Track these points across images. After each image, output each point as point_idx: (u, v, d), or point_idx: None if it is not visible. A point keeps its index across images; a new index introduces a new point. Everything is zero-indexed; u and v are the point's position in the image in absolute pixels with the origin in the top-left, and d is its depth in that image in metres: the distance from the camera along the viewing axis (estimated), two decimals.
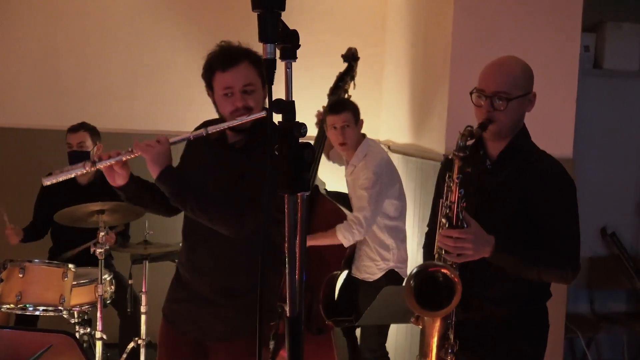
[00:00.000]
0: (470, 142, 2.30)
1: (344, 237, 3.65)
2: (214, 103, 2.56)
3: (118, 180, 2.51)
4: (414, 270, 2.27)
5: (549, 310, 2.47)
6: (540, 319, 2.46)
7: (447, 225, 2.28)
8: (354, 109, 3.83)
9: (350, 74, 4.10)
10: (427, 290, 2.24)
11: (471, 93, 2.37)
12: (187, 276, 2.64)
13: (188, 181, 2.48)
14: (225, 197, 2.46)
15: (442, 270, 2.25)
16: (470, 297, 2.31)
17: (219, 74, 2.49)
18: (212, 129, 2.40)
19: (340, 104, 3.87)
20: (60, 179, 2.51)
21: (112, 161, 2.44)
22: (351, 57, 4.12)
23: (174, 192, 2.45)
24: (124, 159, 2.45)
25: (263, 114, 2.40)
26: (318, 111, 4.06)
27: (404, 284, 2.28)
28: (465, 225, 2.25)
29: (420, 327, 2.36)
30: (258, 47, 1.49)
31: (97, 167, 2.45)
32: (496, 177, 2.37)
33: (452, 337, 2.31)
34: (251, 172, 2.46)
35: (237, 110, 2.46)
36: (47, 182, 2.52)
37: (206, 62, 2.55)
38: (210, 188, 2.50)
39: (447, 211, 2.27)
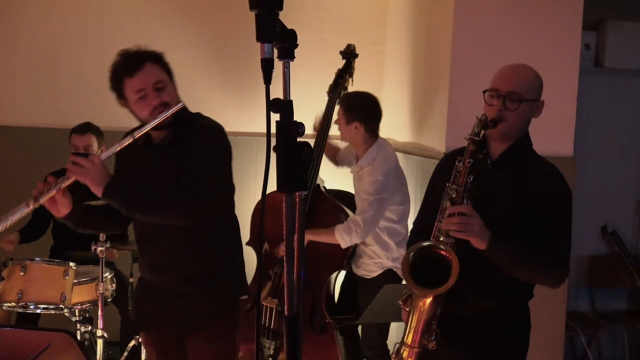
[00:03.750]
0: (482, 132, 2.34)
1: (341, 237, 3.65)
2: (131, 111, 2.61)
3: (62, 209, 2.54)
4: (418, 246, 2.31)
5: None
6: (524, 318, 2.49)
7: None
8: (346, 107, 3.78)
9: (349, 71, 4.08)
10: (424, 270, 2.27)
11: (484, 92, 2.41)
12: (149, 278, 2.71)
13: (132, 188, 2.53)
14: (169, 192, 2.52)
15: (440, 252, 2.27)
16: (457, 290, 2.31)
17: (127, 80, 2.55)
18: (137, 134, 2.48)
19: (343, 96, 3.88)
20: (6, 225, 2.51)
21: (53, 192, 2.46)
22: (350, 54, 4.10)
23: (122, 203, 2.50)
24: (62, 186, 2.47)
25: (181, 105, 2.51)
26: (316, 117, 4.04)
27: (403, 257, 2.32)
28: None
29: (408, 310, 2.37)
30: (257, 46, 1.49)
31: (41, 203, 2.46)
32: (495, 176, 2.41)
33: (435, 326, 2.33)
34: (184, 164, 2.53)
35: (155, 109, 2.52)
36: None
37: (112, 73, 2.61)
38: (151, 190, 2.56)
39: (454, 195, 2.30)
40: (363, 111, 3.78)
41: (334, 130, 3.97)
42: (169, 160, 2.58)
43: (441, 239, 2.30)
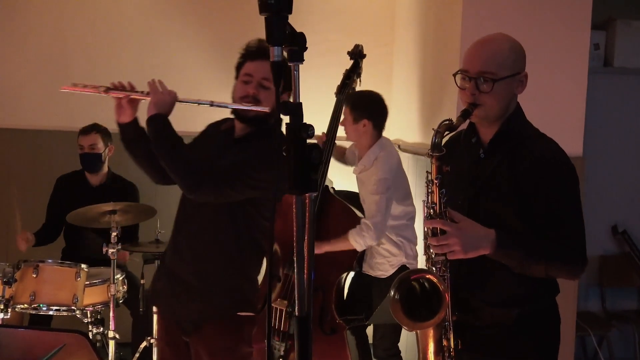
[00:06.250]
0: (447, 136, 2.17)
1: (355, 241, 3.66)
2: (234, 87, 2.68)
3: (122, 116, 2.64)
4: (396, 282, 2.11)
5: (560, 307, 2.26)
6: (550, 319, 2.25)
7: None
8: (353, 106, 3.76)
9: (357, 72, 4.02)
10: (417, 298, 2.11)
11: (455, 75, 2.19)
12: (169, 255, 2.74)
13: (173, 135, 2.55)
14: (197, 161, 2.55)
15: (427, 277, 2.11)
16: (468, 298, 2.19)
17: (248, 62, 2.63)
18: (217, 103, 2.52)
19: (348, 96, 3.85)
20: (77, 91, 2.67)
21: (122, 94, 2.58)
22: (357, 54, 4.04)
23: (155, 134, 2.54)
24: (133, 96, 2.58)
25: (266, 109, 2.52)
26: (323, 133, 3.97)
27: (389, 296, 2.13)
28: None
29: (414, 332, 2.21)
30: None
31: (109, 94, 2.58)
32: (489, 166, 2.19)
33: (451, 338, 2.17)
34: (239, 156, 2.56)
35: (246, 96, 2.56)
36: (65, 89, 2.66)
37: (242, 52, 2.68)
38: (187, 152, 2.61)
39: (431, 212, 2.13)
40: (371, 108, 3.78)
41: (342, 132, 3.98)
42: (233, 151, 2.63)
43: (433, 255, 2.13)
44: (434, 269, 2.16)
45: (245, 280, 2.68)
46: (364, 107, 3.76)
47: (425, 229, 2.15)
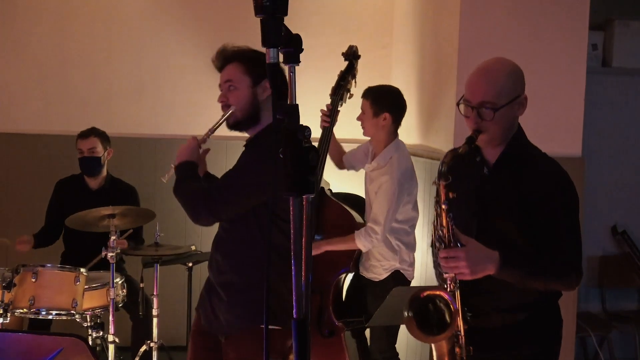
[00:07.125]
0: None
1: (363, 245, 3.65)
2: None
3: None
4: (409, 301, 2.21)
5: (561, 309, 2.39)
6: (553, 320, 2.40)
7: (442, 247, 2.24)
8: (374, 99, 3.72)
9: (352, 72, 3.95)
10: (428, 311, 2.22)
11: (458, 104, 2.30)
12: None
13: (186, 175, 2.64)
14: (200, 188, 2.62)
15: (436, 293, 2.22)
16: (478, 304, 2.29)
17: None
18: (212, 128, 2.68)
19: (368, 90, 3.80)
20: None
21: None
22: (352, 55, 3.98)
23: (177, 178, 2.67)
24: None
25: (230, 110, 2.61)
26: (322, 110, 3.92)
27: (403, 314, 2.23)
28: (459, 246, 2.20)
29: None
30: (263, 51, 1.51)
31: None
32: (494, 184, 2.31)
33: (463, 345, 2.26)
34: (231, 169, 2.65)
35: (222, 107, 2.66)
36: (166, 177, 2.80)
37: None
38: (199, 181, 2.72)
39: (440, 233, 2.23)
40: (392, 102, 3.76)
41: (338, 134, 3.97)
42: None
43: (444, 274, 2.26)
44: (445, 285, 2.27)
45: (268, 290, 2.54)
46: (385, 101, 3.73)
47: (436, 244, 2.27)
